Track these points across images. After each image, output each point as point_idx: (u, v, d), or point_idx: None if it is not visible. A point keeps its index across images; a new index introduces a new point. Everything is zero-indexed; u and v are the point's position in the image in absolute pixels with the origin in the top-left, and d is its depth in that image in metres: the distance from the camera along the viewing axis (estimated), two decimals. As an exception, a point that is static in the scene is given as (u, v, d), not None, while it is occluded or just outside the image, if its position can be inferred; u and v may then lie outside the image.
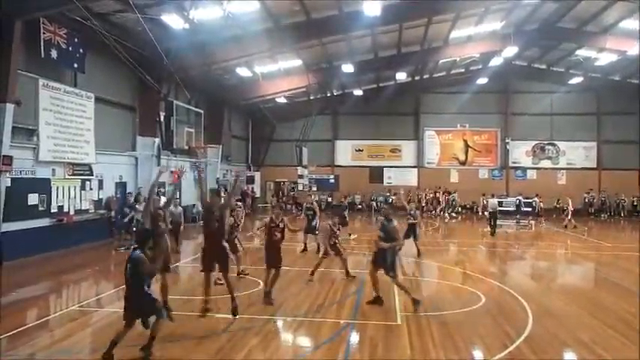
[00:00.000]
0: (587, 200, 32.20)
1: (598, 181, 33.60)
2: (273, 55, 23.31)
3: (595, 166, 34.25)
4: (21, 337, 7.73)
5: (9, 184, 13.52)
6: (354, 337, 7.91)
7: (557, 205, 29.76)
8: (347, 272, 12.03)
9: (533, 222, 26.83)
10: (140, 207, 16.89)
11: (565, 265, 16.64)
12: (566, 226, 25.00)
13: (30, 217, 14.60)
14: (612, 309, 9.76)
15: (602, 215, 31.76)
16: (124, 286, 7.12)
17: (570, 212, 25.30)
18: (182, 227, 16.03)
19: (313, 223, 15.97)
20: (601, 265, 15.81)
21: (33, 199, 14.87)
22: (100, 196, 18.23)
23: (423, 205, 31.94)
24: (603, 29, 23.62)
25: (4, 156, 12.93)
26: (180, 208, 16.57)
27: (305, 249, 15.97)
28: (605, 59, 26.65)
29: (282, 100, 30.91)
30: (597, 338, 7.91)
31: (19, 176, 14.24)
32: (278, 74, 26.35)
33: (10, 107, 13.03)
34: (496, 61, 26.81)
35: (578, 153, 34.58)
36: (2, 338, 7.68)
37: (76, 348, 7.46)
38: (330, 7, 18.90)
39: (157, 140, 20.90)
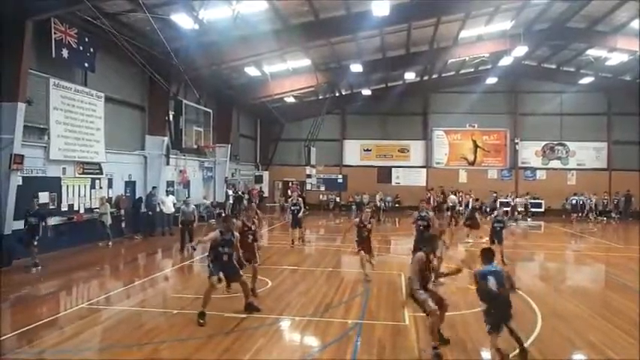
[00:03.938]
0: (581, 202, 31.46)
1: (608, 182, 33.30)
2: (282, 55, 23.33)
3: (605, 166, 33.98)
4: (30, 335, 7.80)
5: (20, 183, 13.63)
6: (362, 337, 7.90)
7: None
8: None
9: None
10: (103, 209, 17.03)
11: (574, 266, 16.52)
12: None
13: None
14: (622, 311, 9.68)
15: (605, 217, 31.23)
16: (132, 284, 7.14)
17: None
18: (195, 225, 16.16)
19: None
20: (611, 266, 15.68)
21: (44, 197, 14.98)
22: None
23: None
24: (614, 29, 23.39)
25: (15, 155, 13.03)
26: (192, 207, 16.69)
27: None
28: (615, 59, 26.44)
29: (290, 99, 30.93)
30: (607, 340, 7.85)
31: (30, 175, 14.38)
32: (287, 74, 26.37)
33: (21, 106, 13.13)
34: (506, 61, 26.63)
35: (588, 153, 34.30)
36: (12, 336, 7.77)
37: (84, 346, 7.51)
38: (338, 7, 18.85)
39: (166, 139, 20.99)
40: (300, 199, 19.06)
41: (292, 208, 18.11)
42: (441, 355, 6.84)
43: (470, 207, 21.93)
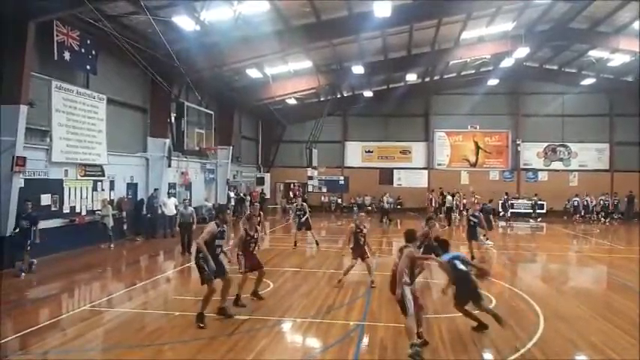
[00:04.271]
0: (585, 203, 31.26)
1: (610, 183, 33.24)
2: (284, 57, 23.35)
3: (607, 167, 33.93)
4: (33, 337, 7.81)
5: (22, 185, 13.65)
6: (364, 339, 7.90)
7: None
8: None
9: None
10: (105, 211, 16.99)
11: (576, 267, 16.49)
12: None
13: (42, 218, 14.68)
14: (624, 312, 9.64)
15: (607, 218, 31.11)
16: (134, 286, 7.14)
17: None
18: (194, 227, 16.05)
19: None
20: (613, 267, 15.64)
21: (46, 199, 15.02)
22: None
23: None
24: (616, 30, 23.37)
25: (17, 157, 13.05)
26: (190, 209, 16.58)
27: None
28: (618, 60, 26.39)
29: (292, 101, 30.96)
30: (609, 341, 7.82)
31: (33, 177, 14.40)
32: (288, 76, 26.40)
33: (23, 109, 13.15)
34: (507, 62, 26.62)
35: (590, 155, 34.28)
36: (15, 338, 7.78)
37: (87, 347, 7.52)
38: (340, 8, 18.88)
39: (168, 141, 21.03)
40: (304, 204, 19.04)
41: (297, 213, 18.13)
42: (419, 354, 6.75)
43: (482, 208, 21.57)
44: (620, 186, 32.32)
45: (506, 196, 30.59)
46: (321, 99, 32.79)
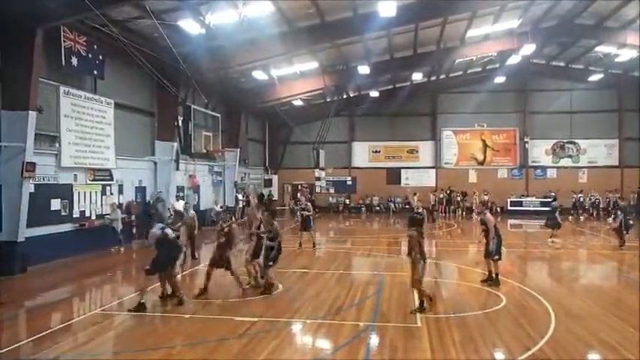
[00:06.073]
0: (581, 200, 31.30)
1: (620, 179, 32.98)
2: (289, 58, 23.38)
3: (617, 163, 33.68)
4: (45, 341, 7.85)
5: (32, 190, 13.76)
6: (374, 339, 7.88)
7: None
8: None
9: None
10: (114, 215, 17.07)
11: (587, 265, 16.37)
12: None
13: (53, 223, 14.87)
14: (635, 308, 9.53)
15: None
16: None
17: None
18: (196, 232, 15.69)
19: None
20: (623, 264, 15.51)
21: (55, 204, 15.13)
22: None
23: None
24: (623, 25, 23.22)
25: (27, 162, 13.13)
26: (192, 213, 16.32)
27: None
28: (626, 55, 26.20)
29: (298, 102, 30.97)
30: (622, 340, 7.75)
31: (42, 182, 14.51)
32: (294, 77, 26.42)
33: (32, 114, 13.24)
34: (514, 60, 26.49)
35: (599, 151, 34.01)
36: (27, 342, 7.84)
37: (99, 350, 7.57)
38: (344, 8, 18.88)
39: (176, 145, 21.11)
40: (308, 203, 19.05)
41: (301, 212, 18.15)
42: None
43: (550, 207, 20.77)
44: (630, 182, 32.01)
45: (553, 194, 30.25)
46: (328, 100, 32.78)
